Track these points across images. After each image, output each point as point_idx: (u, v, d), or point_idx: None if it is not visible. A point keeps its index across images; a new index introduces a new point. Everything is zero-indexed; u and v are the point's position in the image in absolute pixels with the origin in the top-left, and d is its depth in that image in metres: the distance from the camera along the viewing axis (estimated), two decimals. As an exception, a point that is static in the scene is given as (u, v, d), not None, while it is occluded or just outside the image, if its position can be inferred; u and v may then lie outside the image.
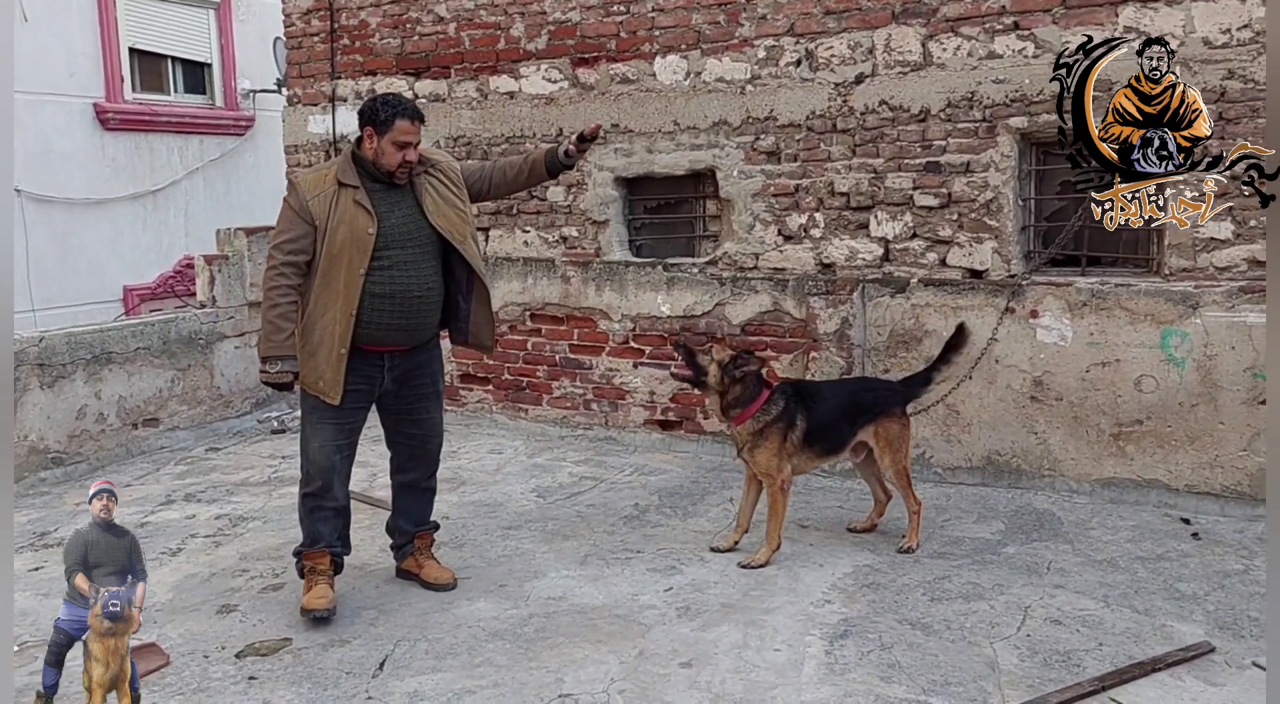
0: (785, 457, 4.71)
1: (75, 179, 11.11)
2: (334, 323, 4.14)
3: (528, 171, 4.62)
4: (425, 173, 4.36)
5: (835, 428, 4.83)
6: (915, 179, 5.87)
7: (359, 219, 4.16)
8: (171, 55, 12.41)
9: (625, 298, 6.79)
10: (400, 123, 4.19)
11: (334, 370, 4.16)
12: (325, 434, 4.31)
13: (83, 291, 11.03)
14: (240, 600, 4.48)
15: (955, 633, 4.01)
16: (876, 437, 4.86)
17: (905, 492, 4.91)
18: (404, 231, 4.24)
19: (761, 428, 4.69)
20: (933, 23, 5.77)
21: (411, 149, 4.22)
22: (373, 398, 4.39)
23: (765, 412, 4.70)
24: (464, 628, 4.15)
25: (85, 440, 6.53)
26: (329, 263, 4.15)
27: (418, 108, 4.32)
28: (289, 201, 4.26)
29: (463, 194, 4.45)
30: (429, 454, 4.62)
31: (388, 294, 4.20)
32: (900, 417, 4.94)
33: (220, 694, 3.65)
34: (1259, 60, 5.03)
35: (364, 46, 7.71)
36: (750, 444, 4.72)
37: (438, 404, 4.59)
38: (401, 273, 4.22)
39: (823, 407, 4.82)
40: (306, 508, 4.41)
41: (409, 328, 4.30)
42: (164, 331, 7.13)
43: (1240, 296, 5.13)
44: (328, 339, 4.15)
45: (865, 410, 4.87)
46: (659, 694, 3.59)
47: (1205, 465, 5.27)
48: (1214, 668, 3.70)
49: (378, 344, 4.26)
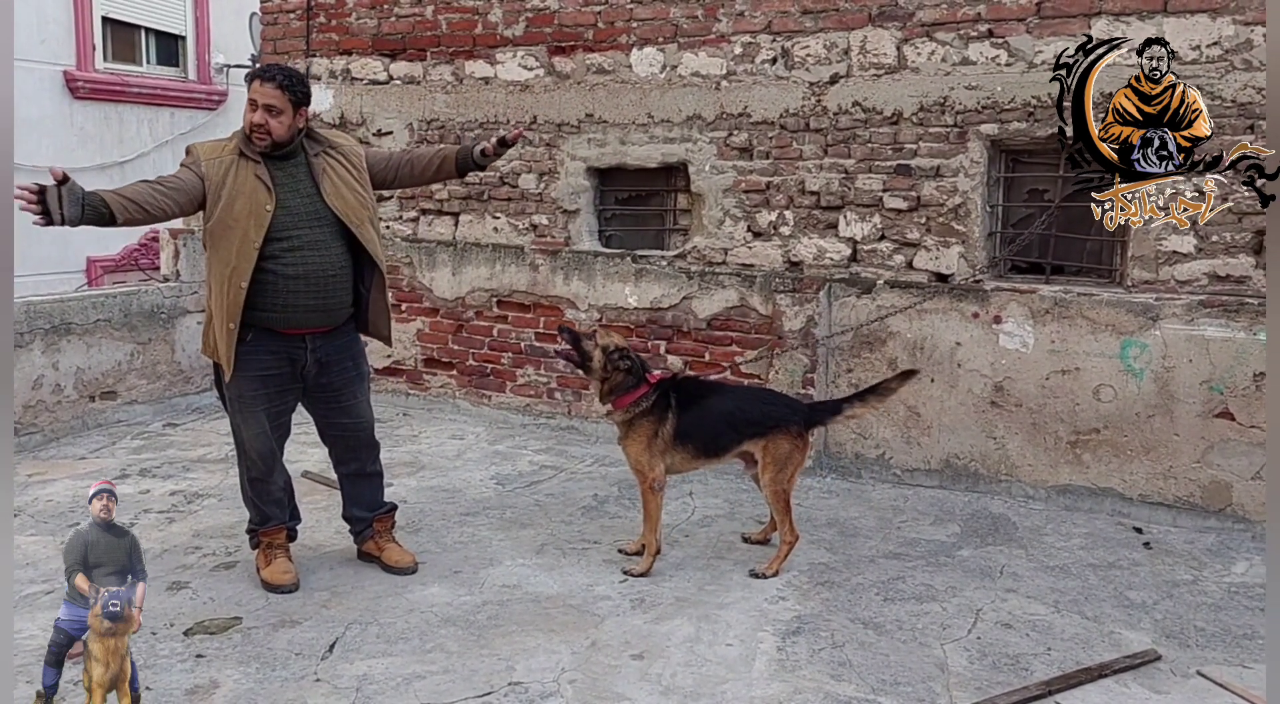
0: (657, 454, 4.55)
1: (42, 147, 10.96)
2: (223, 294, 4.09)
3: (435, 166, 4.54)
4: (324, 154, 4.30)
5: (714, 431, 4.62)
6: (885, 181, 5.90)
7: (259, 193, 4.10)
8: (145, 26, 12.30)
9: (593, 288, 6.78)
10: (254, 83, 4.15)
11: (226, 344, 4.12)
12: (258, 422, 4.28)
13: (46, 261, 10.90)
14: (191, 577, 4.45)
15: (907, 633, 4.03)
16: (764, 451, 4.60)
17: (781, 517, 4.62)
18: (308, 211, 4.19)
19: (632, 418, 4.57)
20: (909, 27, 5.80)
21: (262, 111, 4.10)
22: (298, 379, 4.32)
23: (637, 404, 4.57)
24: (416, 613, 4.14)
25: (41, 411, 6.44)
26: (221, 230, 4.08)
27: (279, 71, 4.19)
28: (186, 156, 4.21)
29: (363, 178, 4.38)
30: (364, 441, 4.59)
31: (301, 275, 4.14)
32: (795, 437, 4.62)
33: (166, 672, 3.62)
34: (1227, 77, 5.09)
35: (340, 25, 7.64)
36: (622, 434, 4.62)
37: (364, 387, 4.55)
38: (313, 253, 4.17)
39: (701, 407, 4.64)
40: (254, 492, 4.42)
41: (326, 308, 4.26)
42: (125, 304, 7.04)
43: (1200, 310, 5.18)
44: (219, 311, 4.12)
45: (756, 421, 4.63)
46: (609, 685, 3.59)
47: (1159, 476, 5.33)
48: (1159, 676, 3.74)
49: (298, 327, 4.22)
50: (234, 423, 4.36)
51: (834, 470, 6.05)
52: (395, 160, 4.57)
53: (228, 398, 4.33)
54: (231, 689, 3.52)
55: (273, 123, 4.11)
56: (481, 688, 3.55)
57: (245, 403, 4.26)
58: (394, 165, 4.55)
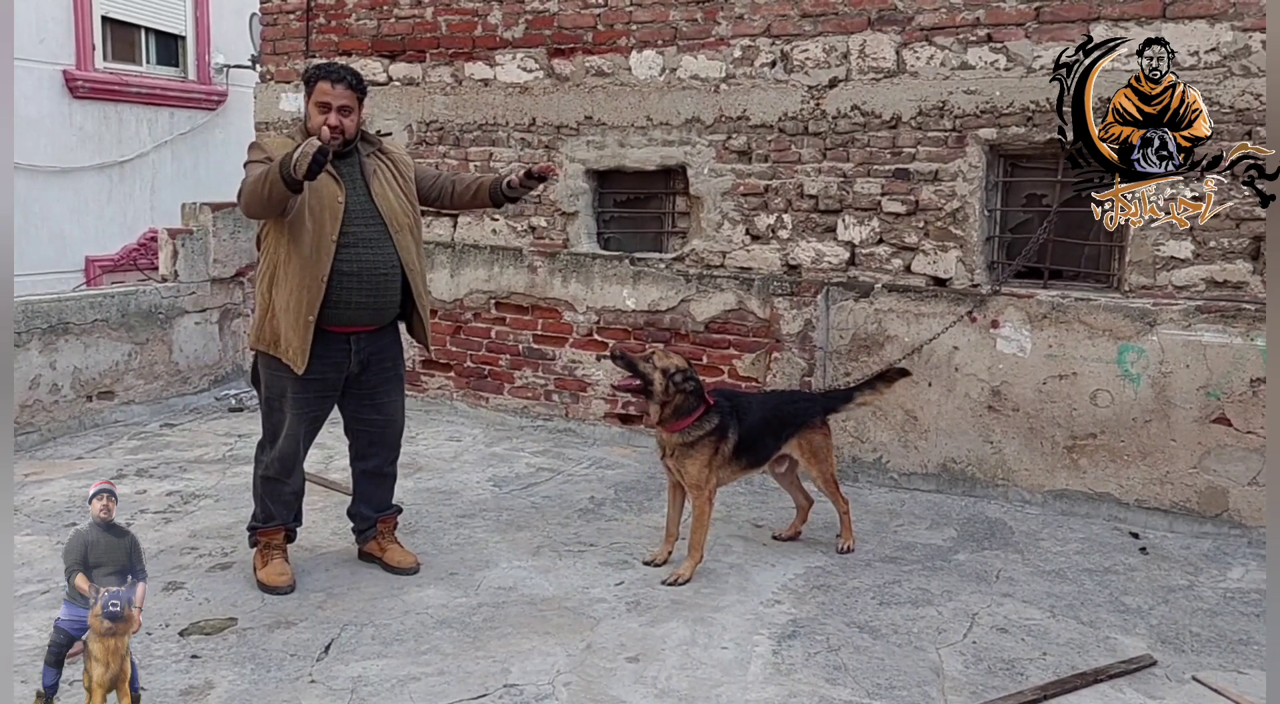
0: (715, 469, 4.62)
1: (41, 146, 10.94)
2: (302, 288, 4.07)
3: (473, 192, 4.55)
4: (376, 155, 4.33)
5: (762, 441, 4.77)
6: (884, 185, 5.90)
7: (329, 187, 4.11)
8: (145, 26, 12.27)
9: (591, 290, 6.78)
10: (320, 84, 4.15)
11: (300, 337, 4.10)
12: (294, 425, 4.27)
13: (44, 260, 10.88)
14: (187, 578, 4.44)
15: (902, 637, 4.03)
16: (800, 449, 4.85)
17: (834, 496, 4.95)
18: (363, 209, 4.20)
19: (694, 440, 4.56)
20: (908, 31, 5.80)
21: (334, 113, 4.12)
22: (340, 387, 4.32)
23: (699, 425, 4.57)
24: (412, 614, 4.13)
25: (38, 411, 6.44)
26: (297, 223, 4.07)
27: (346, 72, 4.22)
28: (252, 156, 4.16)
29: (410, 188, 4.40)
30: (389, 440, 4.59)
31: (355, 273, 4.15)
32: (821, 428, 4.92)
33: (161, 672, 3.62)
34: (1225, 83, 5.09)
35: (340, 26, 7.64)
36: (681, 454, 4.58)
37: (399, 388, 4.56)
38: (367, 250, 4.18)
39: (751, 420, 4.74)
40: (265, 489, 4.41)
41: (377, 307, 4.27)
42: (123, 304, 7.04)
43: (1197, 316, 5.19)
44: (294, 305, 4.09)
45: (788, 423, 4.83)
46: (604, 688, 3.59)
47: (1156, 481, 5.33)
48: (1154, 681, 3.74)
49: (347, 325, 4.21)
50: (266, 423, 4.35)
51: (831, 474, 6.05)
52: (443, 180, 4.60)
53: (265, 398, 4.32)
54: (226, 690, 3.52)
55: (347, 123, 4.16)
56: (476, 690, 3.55)
57: (287, 403, 4.25)
58: (439, 185, 4.58)
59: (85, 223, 11.46)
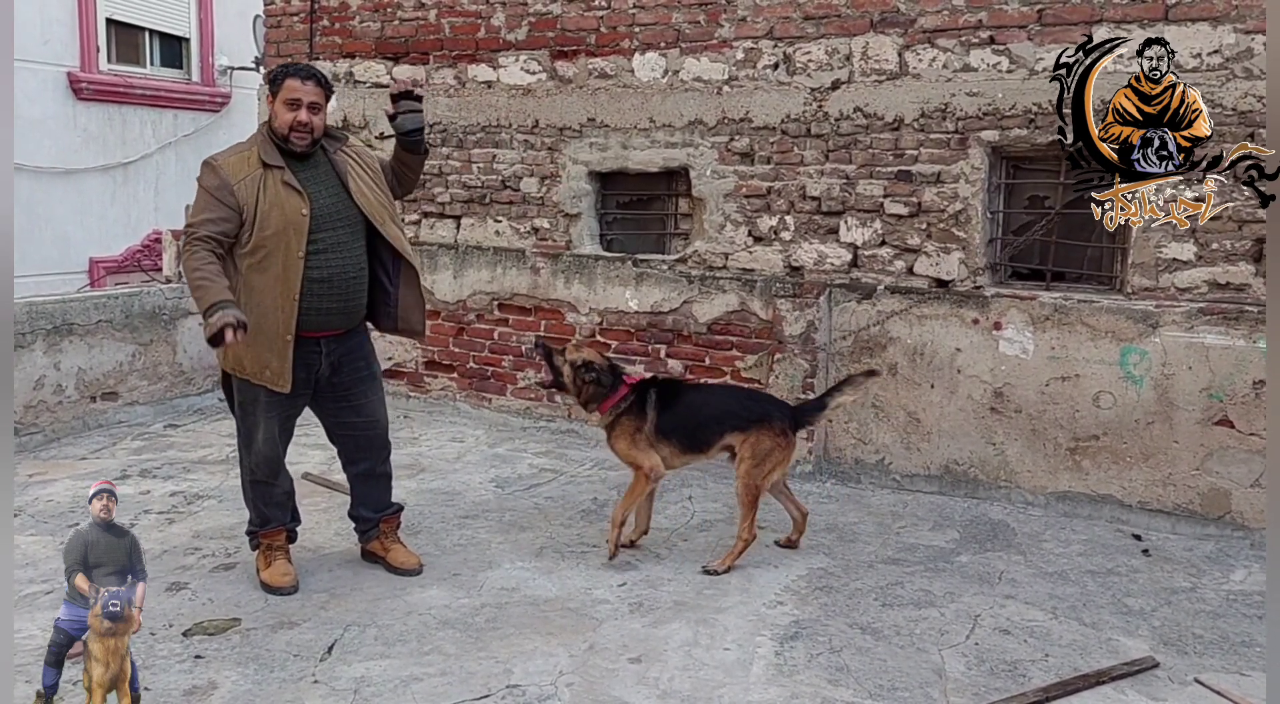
0: (645, 448, 4.72)
1: (45, 148, 10.98)
2: (276, 309, 4.06)
3: (398, 160, 4.52)
4: (342, 151, 4.32)
5: (696, 425, 4.76)
6: (886, 187, 5.90)
7: (291, 200, 4.08)
8: (149, 28, 12.31)
9: (594, 291, 6.79)
10: (289, 82, 4.13)
11: (280, 358, 4.10)
12: (270, 427, 4.27)
13: (48, 261, 10.91)
14: (191, 578, 4.45)
15: (904, 639, 4.04)
16: (744, 444, 4.68)
17: (744, 512, 4.66)
18: (333, 212, 4.18)
19: (613, 421, 4.76)
20: (910, 33, 5.81)
21: (304, 110, 4.11)
22: (311, 385, 4.31)
23: (617, 406, 4.76)
24: (415, 615, 4.14)
25: (42, 411, 6.46)
26: (262, 248, 4.04)
27: (313, 70, 4.23)
28: (205, 184, 4.06)
29: (381, 181, 4.41)
30: (376, 441, 4.58)
31: (325, 278, 4.14)
32: (778, 434, 4.68)
33: (165, 672, 3.62)
34: (1228, 86, 5.09)
35: (343, 28, 7.66)
36: (608, 435, 4.81)
37: (377, 387, 4.54)
38: (336, 255, 4.17)
39: (683, 404, 4.81)
40: (256, 493, 4.42)
41: (347, 311, 4.27)
42: (127, 305, 7.06)
43: (1199, 318, 5.19)
44: (269, 326, 4.06)
45: (738, 415, 4.75)
46: (606, 689, 3.60)
47: (1158, 483, 5.34)
48: (1157, 683, 3.74)
49: (317, 330, 4.21)
50: (242, 427, 4.35)
51: (833, 475, 6.06)
52: (388, 168, 4.56)
53: (239, 403, 4.32)
54: (230, 690, 3.53)
55: (315, 121, 4.15)
56: (479, 690, 3.56)
57: (259, 408, 4.25)
58: (392, 173, 4.56)
59: (89, 224, 11.49)
